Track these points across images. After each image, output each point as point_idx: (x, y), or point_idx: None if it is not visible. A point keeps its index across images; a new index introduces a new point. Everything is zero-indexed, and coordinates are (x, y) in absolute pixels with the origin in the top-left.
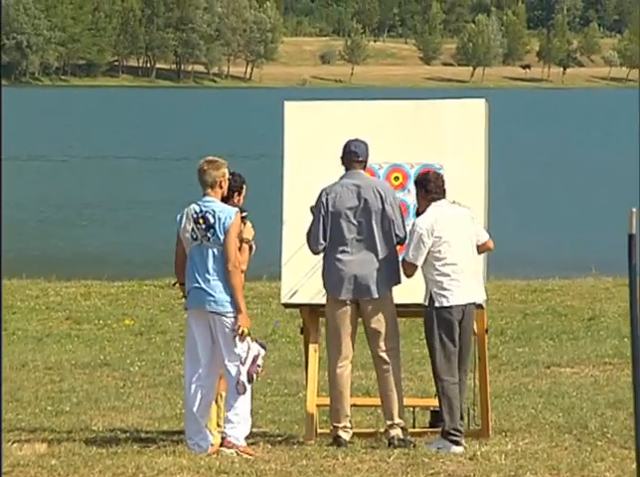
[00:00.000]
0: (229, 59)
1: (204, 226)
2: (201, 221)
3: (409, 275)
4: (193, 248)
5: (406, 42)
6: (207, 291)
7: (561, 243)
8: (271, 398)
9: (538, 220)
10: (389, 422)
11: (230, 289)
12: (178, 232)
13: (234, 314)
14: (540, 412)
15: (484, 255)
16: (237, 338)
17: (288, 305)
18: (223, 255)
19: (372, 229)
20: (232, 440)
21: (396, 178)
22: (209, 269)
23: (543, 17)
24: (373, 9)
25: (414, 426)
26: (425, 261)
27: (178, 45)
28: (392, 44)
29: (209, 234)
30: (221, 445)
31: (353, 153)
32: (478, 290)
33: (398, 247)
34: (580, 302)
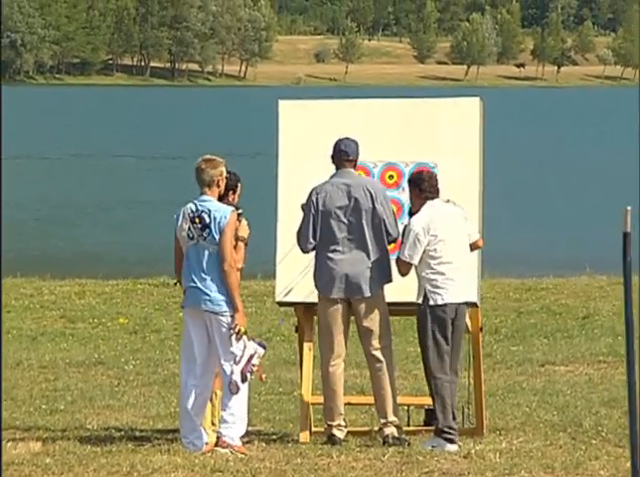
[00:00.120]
0: (223, 57)
1: (200, 225)
2: (197, 220)
3: (404, 274)
4: (189, 248)
5: (401, 40)
6: (202, 290)
7: (556, 242)
8: (266, 397)
9: (532, 218)
10: (382, 421)
11: (226, 288)
12: (175, 231)
13: (230, 313)
14: (534, 411)
15: (478, 254)
16: (233, 337)
17: (283, 303)
18: (218, 255)
19: (362, 227)
20: (226, 440)
21: (390, 176)
22: (204, 269)
23: (537, 15)
24: (367, 7)
25: (409, 425)
26: (420, 260)
27: (172, 43)
28: (386, 42)
29: (204, 233)
30: (216, 445)
31: (343, 152)
32: (472, 289)
33: (391, 246)
34: (575, 301)
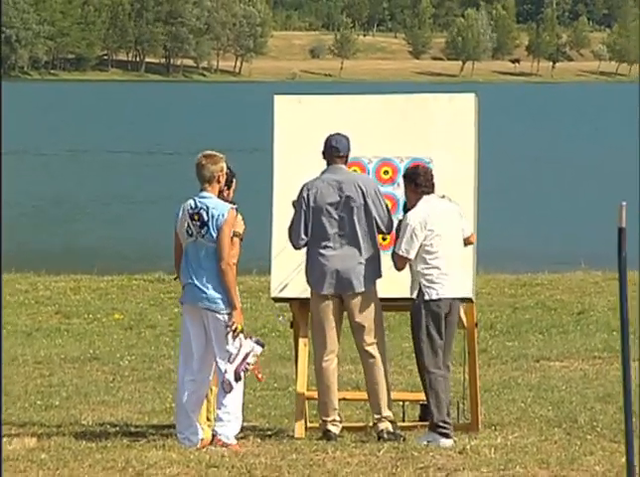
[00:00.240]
0: (218, 53)
1: (198, 222)
2: (195, 217)
3: (400, 268)
4: (188, 244)
5: (396, 36)
6: (200, 288)
7: (551, 238)
8: (261, 393)
9: (527, 214)
10: (377, 416)
11: (223, 287)
12: (175, 226)
13: (227, 311)
14: (529, 406)
15: (474, 250)
16: (229, 335)
17: (278, 299)
18: (216, 253)
19: (354, 223)
20: (222, 439)
21: (385, 172)
22: (202, 266)
23: (532, 11)
24: (362, 3)
25: (404, 420)
26: (416, 254)
27: (167, 39)
28: (381, 38)
29: (202, 231)
30: (211, 443)
31: (334, 148)
32: (467, 284)
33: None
34: (570, 296)
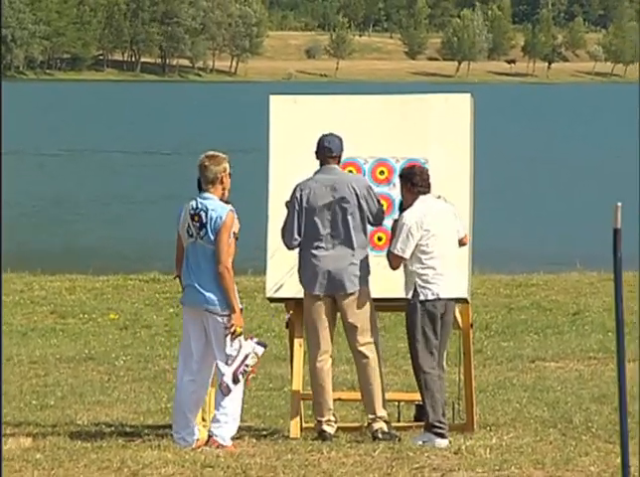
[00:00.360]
0: (214, 53)
1: (198, 224)
2: (195, 218)
3: (395, 268)
4: (188, 245)
5: (392, 36)
6: (199, 290)
7: (546, 238)
8: (256, 393)
9: (523, 214)
10: (371, 416)
11: (221, 289)
12: (178, 226)
13: (226, 313)
14: (524, 407)
15: (469, 250)
16: (228, 337)
17: (273, 299)
18: (214, 255)
19: (346, 224)
20: (217, 440)
21: (381, 172)
22: (201, 268)
23: (528, 12)
24: (358, 3)
25: (399, 420)
26: (411, 254)
27: (163, 39)
28: (377, 38)
29: (201, 232)
30: (206, 443)
31: (327, 149)
32: (462, 285)
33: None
34: (565, 297)
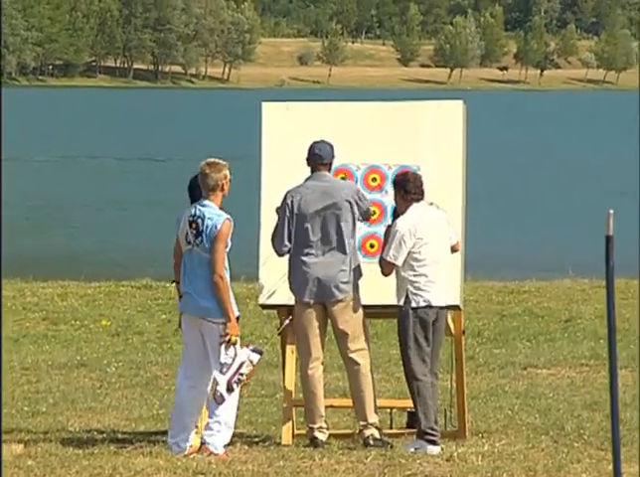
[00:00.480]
0: (206, 59)
1: (195, 231)
2: (193, 225)
3: (387, 274)
4: (186, 252)
5: (384, 43)
6: (195, 297)
7: (539, 245)
8: (248, 399)
9: (515, 221)
10: (362, 423)
11: (217, 297)
12: (178, 231)
13: (221, 321)
14: (516, 414)
15: (461, 257)
16: (223, 346)
17: (266, 306)
18: (210, 263)
19: (337, 231)
20: (210, 448)
21: (373, 179)
22: (197, 275)
23: (520, 19)
24: (351, 10)
25: (392, 427)
26: (404, 261)
27: (155, 45)
28: (369, 45)
29: (197, 240)
30: (198, 450)
31: (317, 156)
32: (454, 292)
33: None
34: (557, 304)
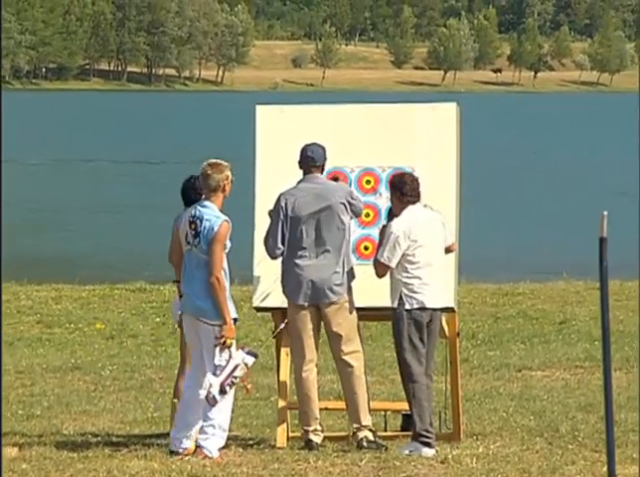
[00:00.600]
0: (200, 62)
1: (193, 232)
2: (192, 226)
3: (381, 276)
4: (186, 252)
5: (378, 46)
6: (192, 298)
7: (533, 247)
8: (243, 402)
9: (509, 223)
10: (356, 425)
11: (213, 299)
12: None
13: (217, 323)
14: (511, 416)
15: (456, 259)
16: (217, 348)
17: (260, 309)
18: (207, 265)
19: (330, 233)
20: (205, 452)
21: (367, 181)
22: (195, 277)
23: (513, 21)
24: (344, 13)
25: (386, 430)
26: (398, 263)
27: (149, 48)
28: (363, 48)
29: (195, 241)
30: (193, 453)
31: (310, 158)
32: (448, 294)
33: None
34: (552, 306)
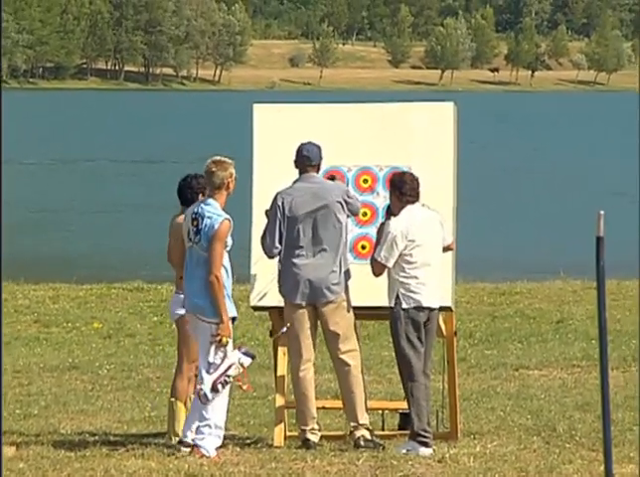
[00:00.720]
0: (197, 61)
1: (195, 229)
2: (194, 223)
3: (377, 275)
4: (188, 249)
5: (375, 45)
6: (191, 295)
7: (530, 247)
8: (240, 401)
9: (507, 223)
10: (353, 424)
11: (211, 297)
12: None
13: (214, 321)
14: (508, 415)
15: (453, 259)
16: (213, 346)
17: (257, 308)
18: (207, 262)
19: (327, 232)
20: (202, 451)
21: (365, 181)
22: (195, 274)
23: (511, 20)
24: (342, 12)
25: (383, 429)
26: (395, 263)
27: (146, 48)
28: (360, 47)
29: (196, 238)
30: (190, 453)
31: (305, 157)
32: (445, 294)
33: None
34: (549, 305)
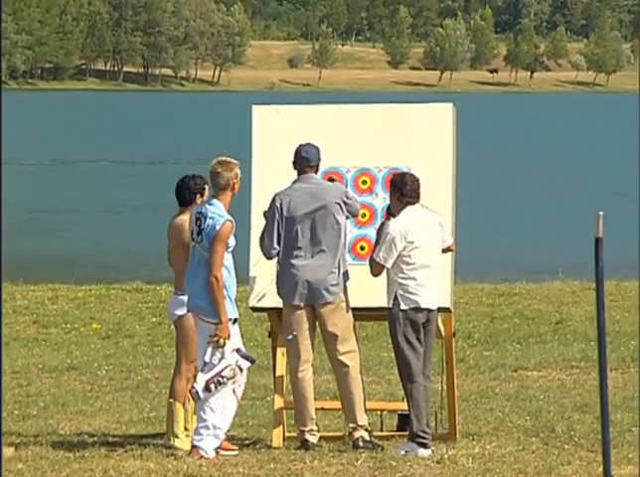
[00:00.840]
0: (196, 62)
1: (198, 228)
2: (197, 222)
3: (376, 275)
4: (191, 249)
5: (374, 46)
6: (192, 295)
7: (529, 248)
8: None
9: (505, 224)
10: (351, 425)
11: (210, 297)
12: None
13: (213, 321)
14: (507, 416)
15: (452, 260)
16: (211, 346)
17: (256, 309)
18: (208, 262)
19: (326, 233)
20: (200, 452)
21: (363, 182)
22: (196, 273)
23: (510, 21)
24: (341, 13)
25: (382, 430)
26: (393, 264)
27: (145, 48)
28: (359, 48)
29: (199, 238)
30: (189, 454)
31: (304, 158)
32: (444, 295)
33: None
34: (548, 306)
